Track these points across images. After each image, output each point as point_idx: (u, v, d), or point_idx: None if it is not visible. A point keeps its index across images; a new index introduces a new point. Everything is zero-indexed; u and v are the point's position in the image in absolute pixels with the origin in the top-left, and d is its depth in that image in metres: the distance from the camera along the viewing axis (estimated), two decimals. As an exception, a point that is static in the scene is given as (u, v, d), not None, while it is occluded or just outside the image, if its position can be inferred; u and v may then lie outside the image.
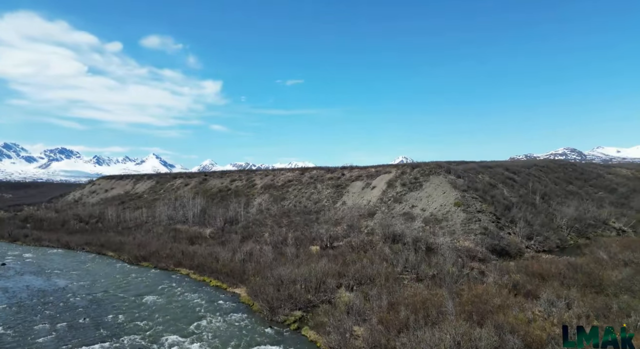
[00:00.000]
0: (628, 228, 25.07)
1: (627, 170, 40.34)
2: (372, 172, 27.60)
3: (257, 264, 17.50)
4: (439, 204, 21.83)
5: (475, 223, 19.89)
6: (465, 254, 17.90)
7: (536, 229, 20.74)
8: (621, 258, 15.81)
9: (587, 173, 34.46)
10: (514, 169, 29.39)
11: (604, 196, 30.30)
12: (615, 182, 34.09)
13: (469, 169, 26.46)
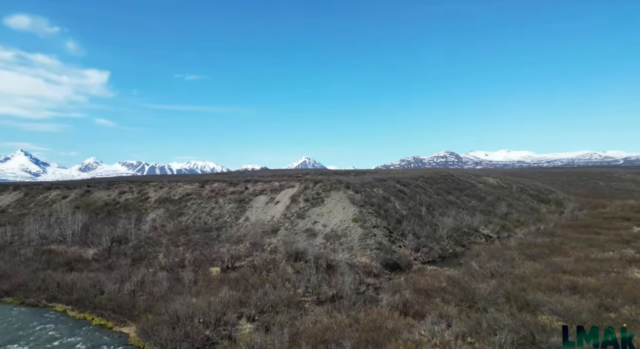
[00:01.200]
0: (494, 234, 29.17)
1: (494, 179, 46.88)
2: (276, 186, 27.58)
3: (150, 295, 16.14)
4: (339, 219, 22.76)
5: (371, 238, 21.16)
6: (362, 270, 18.96)
7: (422, 241, 22.89)
8: (488, 268, 18.34)
9: (463, 183, 39.20)
10: (404, 181, 32.02)
11: (476, 204, 34.76)
12: (484, 191, 39.39)
13: (366, 183, 28.09)
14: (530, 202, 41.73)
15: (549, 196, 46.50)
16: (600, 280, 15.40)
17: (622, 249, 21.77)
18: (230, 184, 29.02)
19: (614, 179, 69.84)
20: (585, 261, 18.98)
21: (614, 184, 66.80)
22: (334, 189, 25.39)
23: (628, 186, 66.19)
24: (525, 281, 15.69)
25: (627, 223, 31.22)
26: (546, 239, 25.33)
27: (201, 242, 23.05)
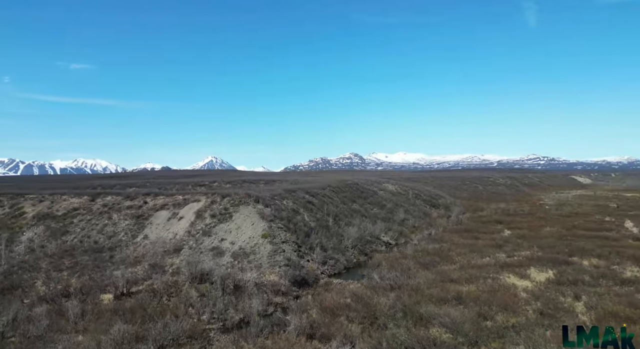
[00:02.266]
0: (393, 241, 31.42)
1: (393, 186, 50.44)
2: (179, 200, 25.99)
3: (24, 337, 13.96)
4: (248, 236, 22.36)
5: (280, 254, 21.21)
6: (271, 289, 18.87)
7: (329, 253, 23.66)
8: (388, 280, 19.67)
9: (366, 191, 41.49)
10: (313, 191, 32.72)
11: (377, 212, 37.05)
12: (384, 198, 42.18)
13: (276, 195, 28.05)
14: (423, 208, 45.82)
15: (439, 200, 51.57)
16: (480, 287, 17.56)
17: (496, 253, 25.10)
18: (126, 198, 26.52)
19: (490, 184, 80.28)
20: (468, 268, 21.44)
21: (490, 187, 76.87)
22: (243, 203, 24.86)
23: (501, 189, 76.87)
24: (419, 292, 17.17)
25: (500, 226, 36.11)
26: (436, 245, 28.01)
27: (91, 265, 20.71)
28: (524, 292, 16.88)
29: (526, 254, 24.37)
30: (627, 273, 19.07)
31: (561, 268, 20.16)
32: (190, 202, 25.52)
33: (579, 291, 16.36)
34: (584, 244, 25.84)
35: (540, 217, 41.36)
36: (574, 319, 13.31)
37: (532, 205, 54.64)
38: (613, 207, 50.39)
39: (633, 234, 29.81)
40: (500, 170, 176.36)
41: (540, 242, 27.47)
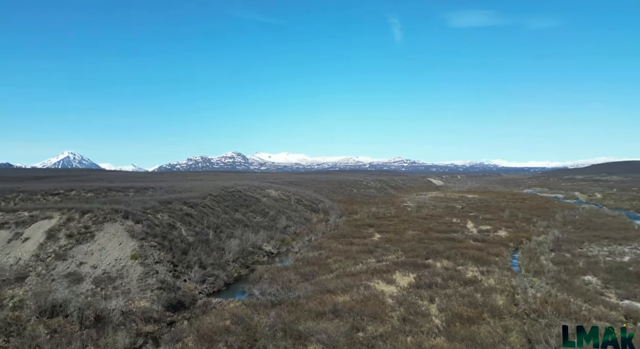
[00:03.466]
0: (275, 250, 31.73)
1: (276, 191, 50.93)
2: (24, 217, 21.85)
3: None
4: (114, 258, 20.03)
5: (152, 277, 19.54)
6: (141, 317, 17.23)
7: (209, 270, 22.70)
8: (269, 295, 19.79)
9: (249, 199, 41.05)
10: (191, 202, 31.00)
11: (260, 220, 36.98)
12: (267, 205, 42.34)
13: (148, 208, 25.75)
14: (305, 213, 47.37)
15: (319, 205, 53.95)
16: (353, 297, 18.88)
17: (368, 259, 27.35)
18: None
19: (363, 187, 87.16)
20: (344, 276, 22.84)
21: (363, 191, 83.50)
22: (109, 220, 22.14)
23: (372, 192, 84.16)
24: (299, 307, 17.67)
25: (371, 230, 39.41)
26: (316, 253, 29.20)
27: None
28: (391, 298, 18.70)
29: (392, 258, 27.09)
30: (469, 273, 22.64)
31: (420, 272, 22.93)
32: (40, 220, 21.69)
33: (433, 293, 18.83)
34: (437, 247, 29.78)
35: (404, 219, 46.39)
36: (429, 323, 15.29)
37: (397, 208, 60.99)
38: (459, 209, 59.42)
39: (473, 235, 35.61)
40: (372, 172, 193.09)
41: (404, 245, 30.82)
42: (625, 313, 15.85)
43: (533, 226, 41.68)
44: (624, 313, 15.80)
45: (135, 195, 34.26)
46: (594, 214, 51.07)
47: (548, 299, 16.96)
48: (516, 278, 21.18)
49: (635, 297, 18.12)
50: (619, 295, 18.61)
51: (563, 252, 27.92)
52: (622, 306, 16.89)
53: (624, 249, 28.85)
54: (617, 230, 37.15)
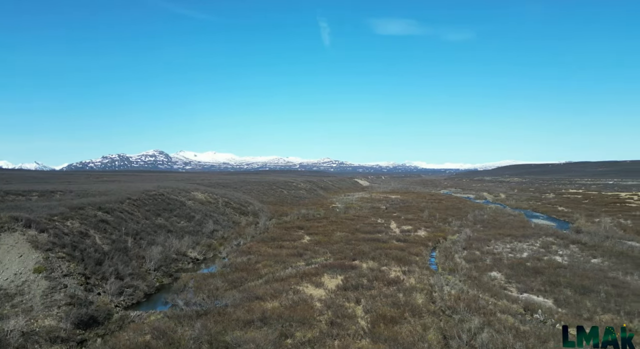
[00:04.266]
0: (201, 256, 30.52)
1: (202, 194, 49.02)
2: None
3: None
4: (13, 273, 17.73)
5: (60, 292, 17.66)
6: (45, 338, 15.47)
7: (127, 281, 21.12)
8: (194, 305, 18.97)
9: (173, 203, 38.98)
10: (107, 207, 28.57)
11: (185, 225, 35.32)
12: (193, 209, 40.57)
13: (56, 215, 23.23)
14: (233, 216, 46.24)
15: (248, 207, 53.02)
16: (282, 303, 18.86)
17: (298, 262, 27.54)
18: None
19: (293, 188, 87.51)
20: (273, 281, 22.70)
21: (293, 192, 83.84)
22: (7, 230, 19.51)
23: (302, 193, 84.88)
24: (226, 317, 17.18)
25: (301, 232, 39.74)
26: (244, 258, 28.66)
27: None
28: (319, 302, 18.99)
29: (321, 260, 27.60)
30: (392, 273, 23.85)
31: (347, 273, 23.63)
32: None
33: (359, 295, 19.51)
34: (363, 248, 30.96)
35: (332, 221, 47.50)
36: (355, 325, 15.82)
37: (326, 209, 62.21)
38: (383, 209, 62.37)
39: (396, 235, 37.59)
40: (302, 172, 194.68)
41: (332, 247, 31.56)
42: (524, 305, 17.87)
43: (448, 225, 45.19)
44: (524, 306, 17.82)
45: (40, 199, 30.71)
46: (499, 214, 56.83)
47: (461, 296, 18.51)
48: (434, 276, 22.80)
49: (532, 290, 20.53)
50: (519, 289, 20.94)
51: (473, 250, 30.67)
52: (521, 299, 19.03)
53: (523, 245, 32.53)
54: (518, 228, 41.77)
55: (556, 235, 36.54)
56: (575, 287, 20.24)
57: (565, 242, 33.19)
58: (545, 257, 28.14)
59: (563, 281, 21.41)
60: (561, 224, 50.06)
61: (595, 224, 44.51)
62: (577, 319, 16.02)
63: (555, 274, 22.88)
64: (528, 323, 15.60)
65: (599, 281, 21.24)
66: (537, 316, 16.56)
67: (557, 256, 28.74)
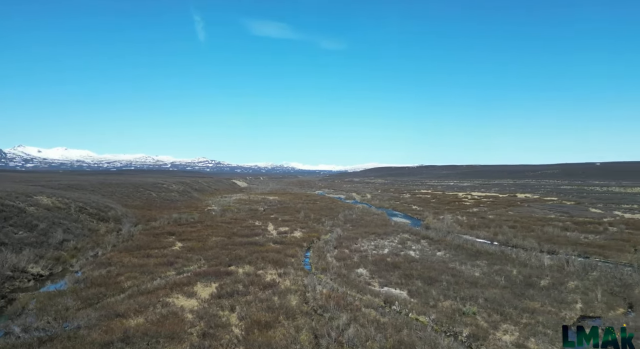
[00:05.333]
0: (47, 271, 26.07)
1: (48, 198, 41.99)
2: None
3: None
4: None
5: None
6: None
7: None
8: (36, 330, 16.08)
9: (8, 209, 32.50)
10: None
11: (25, 235, 29.79)
12: (36, 216, 34.45)
13: None
14: (89, 223, 40.73)
15: (109, 213, 47.35)
16: (149, 318, 17.33)
17: (167, 271, 25.66)
18: None
19: (164, 190, 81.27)
20: (138, 295, 20.64)
21: (164, 194, 77.90)
22: None
23: (174, 196, 79.40)
24: (78, 341, 15.02)
25: (172, 239, 37.14)
26: (103, 270, 25.51)
27: None
28: (191, 313, 18.06)
29: (194, 268, 26.28)
30: (268, 276, 24.07)
31: (222, 280, 23.00)
32: None
33: (234, 302, 19.18)
34: (240, 252, 30.54)
35: (208, 225, 45.63)
36: (229, 334, 15.50)
37: (201, 212, 59.47)
38: (261, 211, 62.52)
39: (273, 238, 38.06)
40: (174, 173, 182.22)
41: (207, 253, 30.32)
42: (384, 298, 19.95)
43: (322, 225, 47.69)
44: (384, 299, 19.88)
45: None
46: (365, 213, 62.28)
47: (331, 294, 19.72)
48: (308, 277, 23.78)
49: (391, 283, 23.05)
50: (380, 283, 23.30)
51: (343, 249, 33.00)
52: (382, 292, 21.19)
53: (385, 242, 36.30)
54: (381, 226, 46.42)
55: (410, 232, 41.73)
56: (424, 278, 23.45)
57: (417, 238, 38.17)
58: (402, 252, 31.89)
59: (415, 273, 24.58)
60: (415, 221, 57.39)
61: (440, 221, 52.25)
62: (425, 307, 18.62)
63: (409, 268, 26.10)
64: (387, 314, 17.46)
65: (442, 272, 25.02)
66: (395, 307, 18.68)
67: (411, 250, 32.84)
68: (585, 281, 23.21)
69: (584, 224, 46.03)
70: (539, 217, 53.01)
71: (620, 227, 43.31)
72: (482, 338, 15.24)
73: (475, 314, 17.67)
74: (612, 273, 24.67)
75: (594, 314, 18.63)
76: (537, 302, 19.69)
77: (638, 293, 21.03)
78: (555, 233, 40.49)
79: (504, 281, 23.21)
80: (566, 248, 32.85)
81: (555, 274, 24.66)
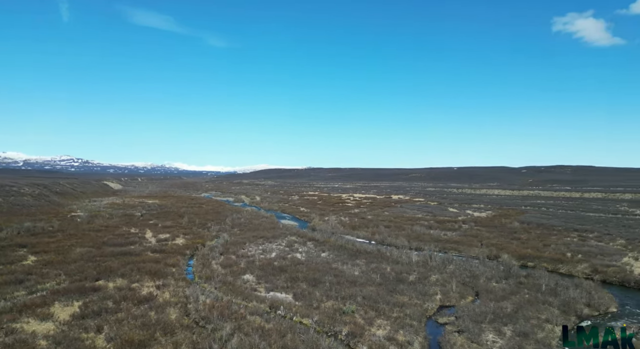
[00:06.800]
0: None
1: None
2: None
3: None
4: None
5: None
6: None
7: None
8: None
9: None
10: None
11: None
12: None
13: None
14: None
15: None
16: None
17: (16, 291, 21.61)
18: None
19: (13, 194, 68.63)
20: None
21: (13, 199, 65.69)
22: None
23: (26, 201, 67.42)
24: None
25: (23, 252, 31.43)
26: None
27: None
28: (45, 339, 15.53)
29: (51, 286, 22.73)
30: (145, 289, 22.09)
31: (88, 297, 20.34)
32: None
33: (102, 322, 17.10)
34: (111, 264, 27.38)
35: (71, 234, 39.89)
36: (96, 360, 13.76)
37: (63, 219, 51.76)
38: (138, 216, 57.13)
39: (152, 246, 35.08)
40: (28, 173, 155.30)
41: (69, 267, 26.48)
42: (270, 303, 20.02)
43: (208, 230, 45.75)
44: (270, 304, 19.94)
45: None
46: (254, 216, 61.78)
47: (215, 304, 19.01)
48: (190, 287, 22.55)
49: (277, 288, 23.24)
50: (267, 288, 23.31)
51: (230, 255, 32.15)
52: (268, 298, 21.23)
53: (273, 246, 36.50)
54: (269, 229, 46.55)
55: (298, 234, 42.78)
56: (309, 280, 24.24)
57: (304, 240, 39.31)
58: (289, 255, 32.47)
59: (301, 276, 25.24)
60: (302, 223, 59.04)
61: (325, 222, 54.73)
62: (309, 309, 19.24)
63: (295, 271, 26.69)
64: (272, 320, 17.54)
65: (325, 273, 26.19)
66: (280, 312, 18.89)
67: (297, 253, 33.65)
68: (444, 274, 26.75)
69: (444, 222, 53.13)
70: (409, 217, 59.43)
71: (471, 224, 51.11)
72: (359, 334, 16.38)
73: (354, 312, 18.92)
74: (464, 265, 28.93)
75: (449, 303, 21.60)
76: (406, 296, 21.98)
77: (482, 282, 25.05)
78: (422, 231, 45.86)
79: (379, 279, 25.34)
80: (430, 245, 37.45)
81: (421, 269, 27.87)
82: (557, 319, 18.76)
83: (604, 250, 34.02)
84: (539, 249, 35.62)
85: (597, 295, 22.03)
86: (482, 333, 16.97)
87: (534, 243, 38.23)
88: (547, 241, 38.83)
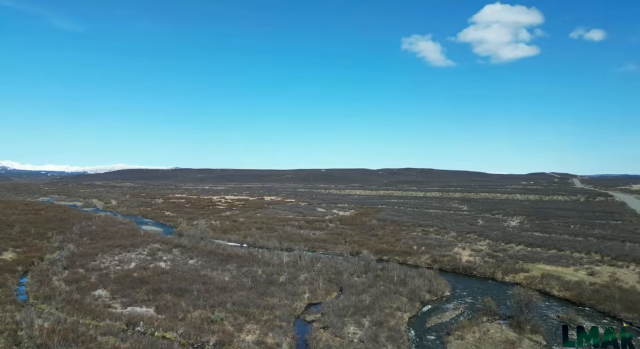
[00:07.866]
0: None
1: None
2: None
3: None
4: None
5: None
6: None
7: None
8: None
9: None
10: None
11: None
12: None
13: None
14: None
15: None
16: None
17: None
18: None
19: None
20: None
21: None
22: None
23: None
24: None
25: None
26: None
27: None
28: None
29: None
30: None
31: None
32: None
33: None
34: None
35: None
36: None
37: None
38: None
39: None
40: None
41: None
42: (127, 320, 18.01)
43: (48, 242, 38.91)
44: (127, 321, 17.94)
45: None
46: (109, 223, 54.87)
47: (56, 328, 16.25)
48: (22, 310, 18.78)
49: (136, 302, 21.05)
50: (124, 303, 20.92)
51: (77, 269, 27.88)
52: (125, 314, 19.08)
53: (132, 255, 32.96)
54: (128, 237, 41.91)
55: (162, 241, 39.55)
56: (175, 290, 22.65)
57: (169, 247, 36.55)
58: (152, 264, 29.80)
59: (165, 286, 23.40)
60: (167, 228, 54.87)
61: (194, 227, 51.94)
62: (173, 322, 17.96)
63: (159, 281, 24.62)
64: (130, 338, 15.83)
65: (193, 281, 24.82)
66: (139, 328, 17.18)
67: (162, 261, 31.13)
68: (312, 273, 28.06)
69: (313, 222, 55.79)
70: (281, 218, 60.69)
71: (337, 223, 54.85)
72: (227, 343, 15.97)
73: (223, 319, 18.39)
74: (330, 263, 30.83)
75: (316, 300, 22.76)
76: (277, 297, 22.34)
77: (346, 277, 27.08)
78: (293, 232, 47.30)
79: (250, 282, 25.19)
80: (300, 245, 38.84)
81: (291, 270, 28.70)
82: (406, 306, 21.48)
83: (441, 242, 40.32)
84: (392, 243, 40.26)
85: (436, 282, 25.94)
86: (344, 327, 18.33)
87: (388, 238, 43.03)
88: (398, 236, 44.16)
